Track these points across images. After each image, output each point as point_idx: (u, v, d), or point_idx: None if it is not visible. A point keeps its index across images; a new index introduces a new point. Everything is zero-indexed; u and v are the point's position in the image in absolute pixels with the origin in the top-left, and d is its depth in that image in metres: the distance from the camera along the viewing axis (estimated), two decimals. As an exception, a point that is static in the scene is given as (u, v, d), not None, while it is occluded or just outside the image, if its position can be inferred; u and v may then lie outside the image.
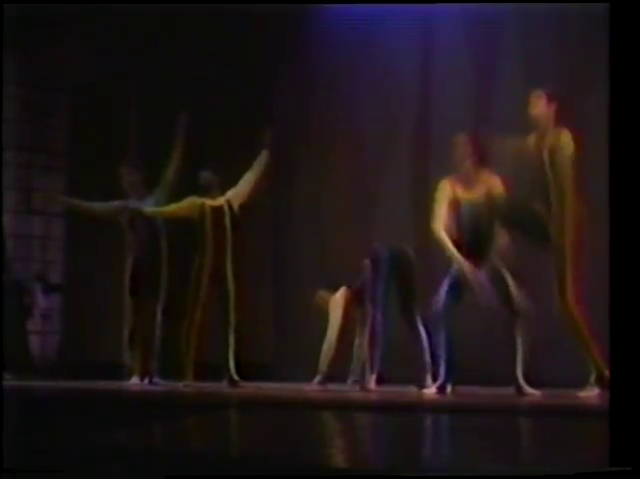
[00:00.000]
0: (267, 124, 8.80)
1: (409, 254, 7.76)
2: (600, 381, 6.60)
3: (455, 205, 7.11)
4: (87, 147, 11.03)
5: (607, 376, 6.46)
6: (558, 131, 6.80)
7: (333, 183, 9.98)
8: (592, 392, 6.62)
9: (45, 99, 11.52)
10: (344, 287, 7.97)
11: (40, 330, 11.39)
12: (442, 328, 7.08)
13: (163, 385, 8.42)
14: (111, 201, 8.80)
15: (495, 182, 7.08)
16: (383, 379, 7.77)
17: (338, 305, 7.93)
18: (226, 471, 3.38)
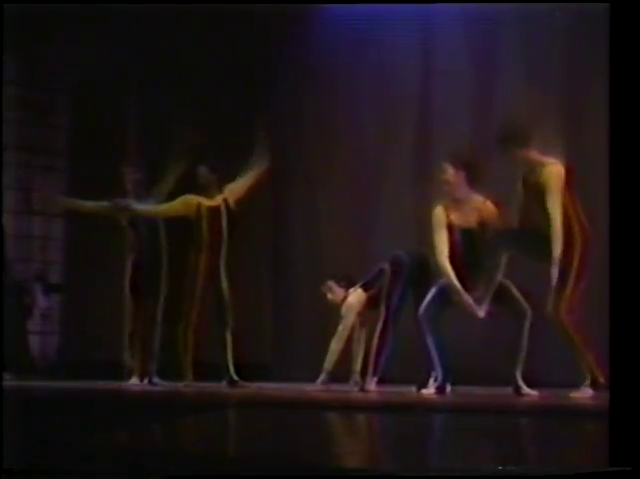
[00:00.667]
0: (266, 123, 8.80)
1: (428, 259, 7.61)
2: (594, 386, 6.63)
3: (450, 230, 7.11)
4: (87, 147, 11.02)
5: (601, 382, 6.52)
6: (544, 165, 6.75)
7: (332, 182, 9.97)
8: (585, 394, 6.64)
9: (45, 99, 11.50)
10: (360, 290, 7.89)
11: (40, 330, 11.38)
12: (428, 332, 7.08)
13: (163, 385, 8.42)
14: (110, 201, 8.78)
15: (489, 208, 7.11)
16: (383, 379, 7.76)
17: (354, 309, 7.85)
18: (226, 471, 3.39)
